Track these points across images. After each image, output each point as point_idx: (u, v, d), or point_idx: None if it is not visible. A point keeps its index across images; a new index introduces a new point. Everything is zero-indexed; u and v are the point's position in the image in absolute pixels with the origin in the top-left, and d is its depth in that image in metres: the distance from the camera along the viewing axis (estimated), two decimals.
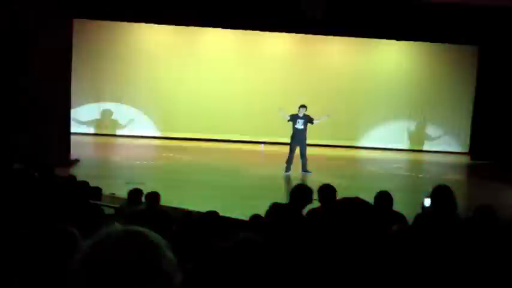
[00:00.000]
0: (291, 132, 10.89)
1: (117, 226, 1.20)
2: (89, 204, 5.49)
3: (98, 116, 15.26)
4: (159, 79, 15.20)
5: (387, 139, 15.61)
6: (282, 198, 7.27)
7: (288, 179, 10.53)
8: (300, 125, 10.75)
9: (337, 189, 4.90)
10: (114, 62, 15.04)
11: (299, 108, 10.86)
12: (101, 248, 1.13)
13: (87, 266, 1.11)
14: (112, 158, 12.11)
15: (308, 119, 10.84)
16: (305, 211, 4.69)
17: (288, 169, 10.82)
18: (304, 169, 10.80)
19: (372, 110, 15.50)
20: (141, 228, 1.19)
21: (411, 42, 15.03)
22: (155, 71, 15.20)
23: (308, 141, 11.05)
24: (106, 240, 1.14)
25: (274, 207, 4.34)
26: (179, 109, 15.13)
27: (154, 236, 1.18)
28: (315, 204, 4.73)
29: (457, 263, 3.30)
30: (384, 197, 4.69)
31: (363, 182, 10.51)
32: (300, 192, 4.49)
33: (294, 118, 10.82)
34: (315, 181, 6.44)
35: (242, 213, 6.42)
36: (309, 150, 11.24)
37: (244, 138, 15.02)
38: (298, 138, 10.75)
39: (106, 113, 15.27)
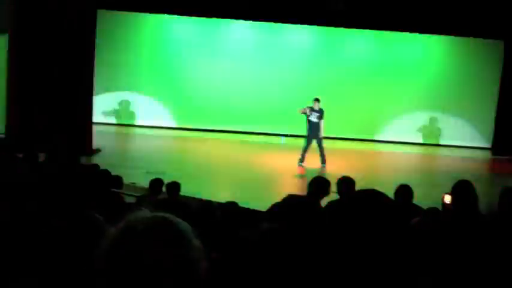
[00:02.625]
0: (307, 125, 11.01)
1: (145, 212, 1.19)
2: (110, 192, 5.59)
3: (116, 106, 15.40)
4: (178, 70, 15.26)
5: (409, 133, 15.48)
6: (299, 190, 7.28)
7: (304, 171, 10.56)
8: (314, 118, 10.88)
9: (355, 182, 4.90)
10: (132, 53, 15.13)
11: (313, 101, 10.98)
12: (128, 235, 1.12)
13: (114, 253, 1.11)
14: (132, 148, 12.24)
15: (321, 115, 10.90)
16: (323, 203, 4.70)
17: (302, 160, 10.94)
18: (323, 161, 10.88)
19: (395, 104, 15.36)
20: (168, 215, 1.19)
21: (434, 36, 14.83)
22: (174, 62, 15.27)
23: (329, 134, 11.21)
24: (133, 227, 1.13)
25: (290, 199, 4.38)
26: (198, 100, 15.18)
27: (181, 223, 1.18)
28: (332, 196, 4.74)
29: (476, 257, 3.28)
30: (404, 191, 4.68)
31: (383, 176, 10.46)
32: (317, 185, 4.51)
33: (309, 111, 10.95)
34: (334, 174, 6.42)
35: (260, 204, 6.45)
36: (330, 144, 11.28)
37: (264, 131, 15.02)
38: (314, 131, 10.88)
39: (124, 103, 15.40)
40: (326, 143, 11.13)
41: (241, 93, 15.18)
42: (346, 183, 4.80)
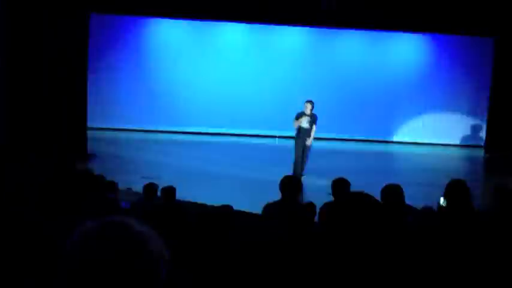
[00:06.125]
0: (295, 131, 9.78)
1: (98, 220, 1.17)
2: (105, 198, 5.58)
3: (113, 110, 15.37)
4: (173, 73, 15.26)
5: (403, 133, 15.54)
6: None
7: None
8: (305, 123, 9.65)
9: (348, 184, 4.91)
10: (128, 56, 15.15)
11: (305, 103, 9.70)
12: (79, 246, 1.10)
13: (70, 264, 1.09)
14: (127, 152, 12.21)
15: (313, 120, 9.71)
16: (317, 205, 4.71)
17: (302, 171, 9.75)
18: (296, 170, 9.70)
19: (387, 104, 15.42)
20: (122, 219, 1.16)
21: (424, 34, 14.88)
22: (169, 65, 15.27)
23: (328, 135, 10.35)
24: (84, 237, 1.12)
25: (268, 208, 4.45)
26: (192, 103, 15.18)
27: (135, 226, 1.14)
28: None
29: (469, 256, 3.30)
30: (392, 190, 4.64)
31: (374, 177, 10.46)
32: (288, 185, 4.56)
33: (299, 116, 9.72)
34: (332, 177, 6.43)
35: (255, 207, 6.46)
36: (327, 144, 11.07)
37: (258, 133, 15.03)
38: (303, 138, 9.68)
39: (121, 107, 15.37)
40: (325, 144, 10.85)
41: (235, 95, 15.18)
42: (340, 185, 4.81)
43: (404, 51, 15.52)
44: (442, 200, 5.13)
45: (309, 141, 9.62)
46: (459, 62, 15.33)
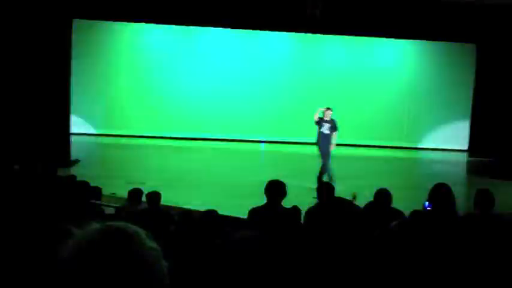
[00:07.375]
0: (316, 138, 9.78)
1: (91, 225, 1.11)
2: (89, 204, 5.54)
3: (98, 115, 15.27)
4: (158, 78, 15.22)
5: (385, 136, 15.64)
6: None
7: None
8: (326, 129, 9.69)
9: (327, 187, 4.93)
10: (110, 62, 15.08)
11: (325, 110, 9.76)
12: (76, 252, 1.06)
13: (66, 273, 1.05)
14: (111, 158, 12.13)
15: (333, 126, 9.75)
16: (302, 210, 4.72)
17: (329, 178, 9.50)
18: (321, 175, 9.62)
19: (372, 108, 15.52)
20: (115, 223, 1.11)
21: (408, 41, 15.03)
22: (154, 70, 15.22)
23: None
24: (80, 243, 1.07)
25: (253, 212, 4.46)
26: (179, 108, 15.16)
27: (130, 227, 1.10)
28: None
29: (454, 260, 3.33)
30: (382, 194, 4.74)
31: (360, 181, 10.51)
32: (273, 189, 4.57)
33: (320, 122, 9.74)
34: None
35: (241, 211, 6.45)
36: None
37: (245, 138, 15.04)
38: (324, 144, 9.70)
39: (106, 112, 15.28)
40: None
41: (222, 101, 15.18)
42: (324, 190, 4.84)
43: (386, 57, 15.67)
44: (426, 203, 5.17)
45: (332, 147, 9.72)
46: (442, 67, 15.50)
